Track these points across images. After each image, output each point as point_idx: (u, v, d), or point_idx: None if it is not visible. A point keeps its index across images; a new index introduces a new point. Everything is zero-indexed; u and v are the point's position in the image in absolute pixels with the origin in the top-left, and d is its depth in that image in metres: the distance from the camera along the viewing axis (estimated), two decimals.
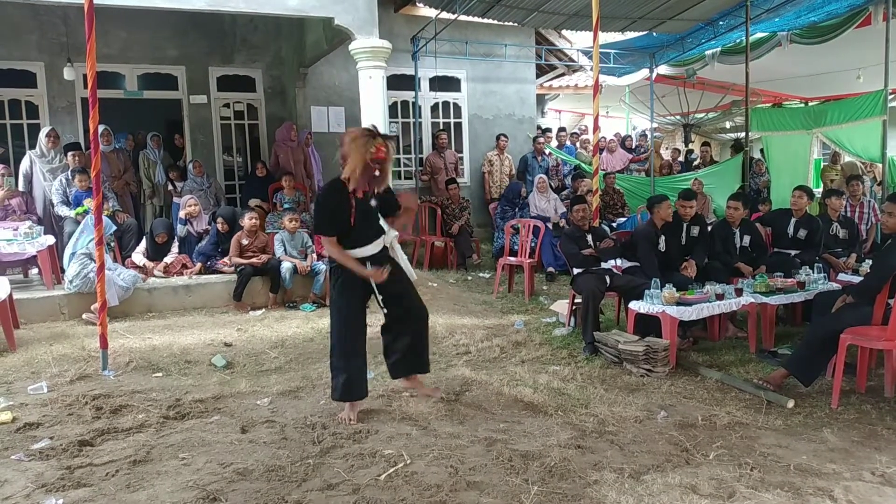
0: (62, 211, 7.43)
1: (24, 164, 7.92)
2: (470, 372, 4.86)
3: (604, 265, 5.97)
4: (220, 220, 7.68)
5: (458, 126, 11.68)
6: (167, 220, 8.02)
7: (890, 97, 9.39)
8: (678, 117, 14.49)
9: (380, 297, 3.97)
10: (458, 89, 11.62)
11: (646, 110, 12.90)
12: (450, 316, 6.62)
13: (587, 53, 12.37)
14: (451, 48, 10.81)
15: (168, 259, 7.41)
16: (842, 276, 6.16)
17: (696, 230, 6.07)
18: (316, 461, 3.35)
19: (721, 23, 10.14)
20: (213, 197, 9.14)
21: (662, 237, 5.86)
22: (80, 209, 7.28)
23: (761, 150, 11.03)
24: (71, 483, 3.15)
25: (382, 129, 5.27)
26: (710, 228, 6.45)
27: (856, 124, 9.51)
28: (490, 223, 10.47)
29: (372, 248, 3.88)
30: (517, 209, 9.50)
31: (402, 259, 4.07)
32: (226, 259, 7.44)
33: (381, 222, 3.97)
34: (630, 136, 13.55)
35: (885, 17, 8.50)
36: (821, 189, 10.54)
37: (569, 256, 5.95)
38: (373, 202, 3.85)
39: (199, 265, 7.48)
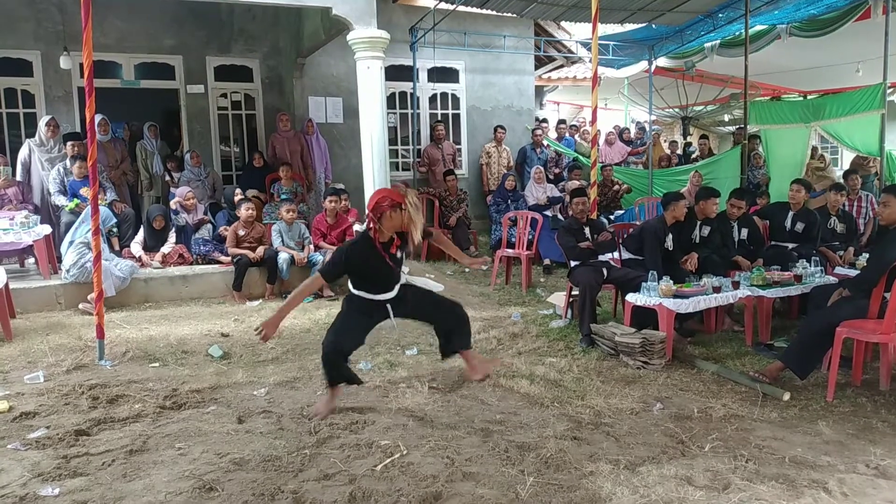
0: (59, 200, 7.41)
1: (23, 153, 7.89)
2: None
3: (601, 257, 5.97)
4: (238, 191, 7.81)
5: (457, 117, 11.65)
6: (163, 206, 8.00)
7: (889, 91, 9.37)
8: (677, 110, 14.47)
9: (396, 319, 4.10)
10: (456, 80, 11.59)
11: (644, 103, 12.88)
12: None
13: (586, 45, 12.34)
14: (449, 39, 10.77)
15: (165, 249, 7.40)
16: (839, 270, 6.16)
17: (706, 230, 6.06)
18: (312, 451, 3.36)
19: (720, 15, 10.10)
20: (210, 188, 9.12)
21: (670, 235, 5.84)
22: (72, 204, 7.25)
23: (751, 137, 11.04)
24: (67, 472, 3.16)
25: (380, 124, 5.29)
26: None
27: (854, 118, 9.49)
28: (488, 215, 10.47)
29: (393, 292, 4.02)
30: (509, 201, 9.50)
31: (420, 281, 4.23)
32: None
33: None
34: (628, 129, 13.53)
35: (884, 11, 8.47)
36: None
37: (566, 249, 5.94)
38: (399, 253, 3.97)
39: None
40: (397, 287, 4.03)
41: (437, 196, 9.78)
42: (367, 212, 3.89)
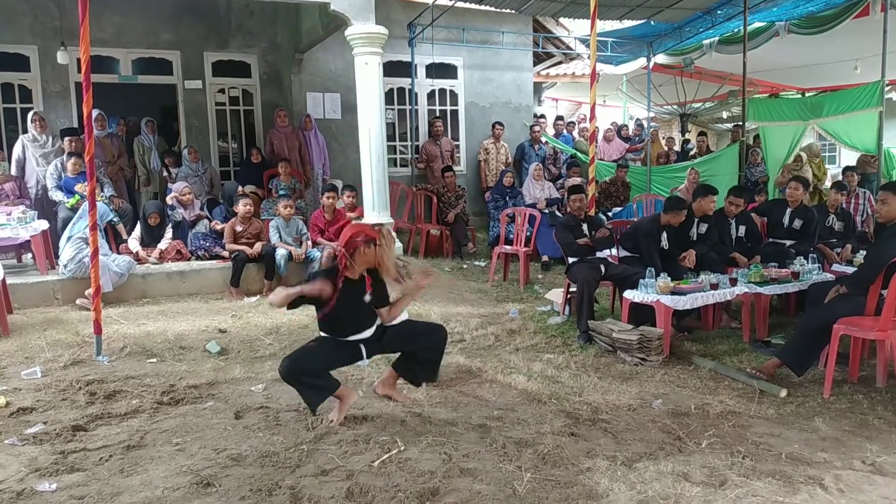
0: (56, 196, 7.39)
1: (17, 149, 7.88)
2: (464, 360, 4.88)
3: (599, 254, 5.98)
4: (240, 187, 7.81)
5: (455, 114, 11.63)
6: (159, 202, 7.99)
7: (887, 88, 9.38)
8: (675, 107, 14.46)
9: (368, 356, 3.91)
10: (454, 76, 11.56)
11: (643, 99, 12.87)
12: (445, 304, 6.63)
13: (584, 41, 12.33)
14: (447, 35, 10.75)
15: (162, 245, 7.38)
16: (836, 267, 6.18)
17: (704, 227, 6.07)
18: (310, 447, 3.35)
19: (719, 12, 10.10)
20: (208, 183, 9.10)
21: (665, 233, 5.83)
22: (73, 200, 7.24)
23: (755, 137, 11.02)
24: (64, 468, 3.15)
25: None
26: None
27: (852, 115, 9.49)
28: (486, 211, 10.46)
29: (367, 333, 3.82)
30: (507, 198, 9.49)
31: (402, 318, 4.03)
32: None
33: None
34: (626, 126, 13.52)
35: (882, 8, 8.48)
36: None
37: (564, 245, 5.95)
38: (367, 297, 3.76)
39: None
40: (373, 328, 3.82)
41: (436, 192, 9.77)
42: (338, 248, 3.72)
